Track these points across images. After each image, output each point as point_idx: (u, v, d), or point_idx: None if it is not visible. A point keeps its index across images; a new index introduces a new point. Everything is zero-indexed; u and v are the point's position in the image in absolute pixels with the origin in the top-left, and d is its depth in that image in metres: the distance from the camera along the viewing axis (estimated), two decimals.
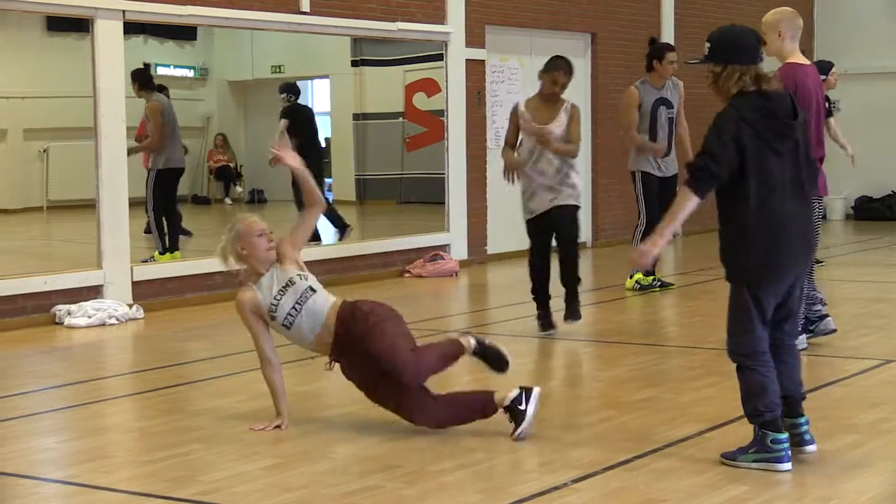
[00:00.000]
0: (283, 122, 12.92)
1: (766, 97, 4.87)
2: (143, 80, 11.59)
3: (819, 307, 7.58)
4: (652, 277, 10.44)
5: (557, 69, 8.38)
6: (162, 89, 12.11)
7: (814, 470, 4.95)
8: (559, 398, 6.47)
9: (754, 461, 4.92)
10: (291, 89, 13.27)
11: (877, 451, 5.28)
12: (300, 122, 12.88)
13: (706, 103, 10.73)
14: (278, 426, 5.75)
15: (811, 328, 7.52)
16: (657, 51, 10.36)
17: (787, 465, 4.88)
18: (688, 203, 4.89)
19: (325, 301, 5.74)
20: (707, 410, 6.01)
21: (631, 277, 10.43)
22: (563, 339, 8.30)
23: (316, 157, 13.24)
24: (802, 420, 5.07)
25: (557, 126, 8.25)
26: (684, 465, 5.06)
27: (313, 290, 5.75)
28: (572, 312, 8.26)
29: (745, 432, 5.07)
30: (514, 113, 8.42)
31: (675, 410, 6.07)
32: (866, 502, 4.59)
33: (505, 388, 5.59)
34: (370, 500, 4.67)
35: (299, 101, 13.34)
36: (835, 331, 7.60)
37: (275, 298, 5.76)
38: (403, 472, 5.02)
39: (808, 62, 7.19)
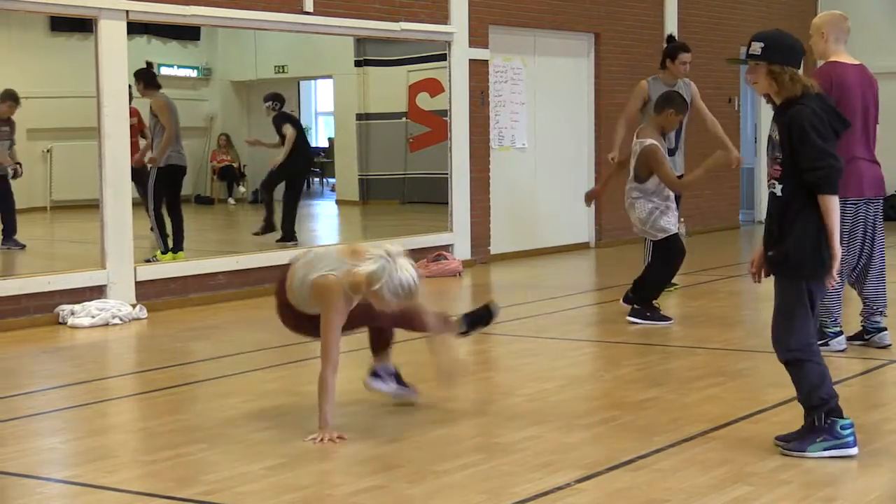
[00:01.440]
0: (292, 132, 12.97)
1: (825, 99, 5.05)
2: (147, 78, 11.60)
3: (878, 318, 7.62)
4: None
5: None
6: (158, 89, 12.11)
7: (817, 470, 4.94)
8: (562, 398, 6.47)
9: (825, 449, 5.02)
10: (277, 97, 13.36)
11: (881, 451, 5.27)
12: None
13: (707, 103, 10.77)
14: (341, 437, 5.46)
15: (867, 337, 7.59)
16: (672, 50, 10.29)
17: (856, 450, 5.04)
18: (835, 207, 4.97)
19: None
20: (711, 410, 6.00)
21: None
22: (565, 339, 8.29)
23: (307, 163, 13.43)
24: (847, 422, 5.11)
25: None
26: (688, 465, 5.05)
27: None
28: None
29: (751, 431, 5.07)
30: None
31: (678, 410, 6.07)
32: (870, 502, 4.58)
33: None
34: (373, 501, 4.67)
35: (284, 108, 13.40)
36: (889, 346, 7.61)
37: None
38: (406, 472, 5.02)
39: (854, 61, 7.29)
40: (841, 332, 7.45)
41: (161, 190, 11.40)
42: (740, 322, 9.14)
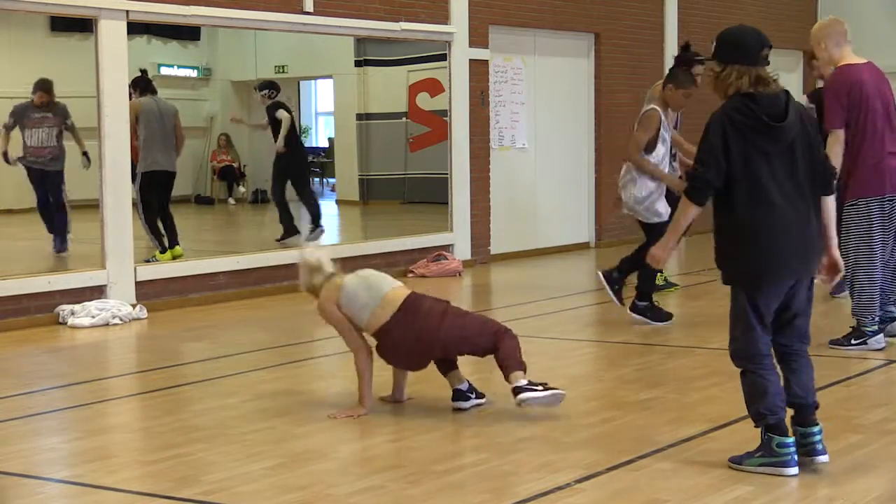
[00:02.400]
0: (287, 116, 12.99)
1: (754, 99, 4.79)
2: (142, 86, 11.65)
3: (892, 308, 7.65)
4: (660, 279, 10.42)
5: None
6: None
7: (818, 470, 4.94)
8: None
9: (760, 465, 4.88)
10: (272, 85, 13.36)
11: (882, 451, 5.27)
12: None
13: (707, 102, 10.78)
14: (364, 414, 5.93)
15: (881, 326, 7.58)
16: (684, 62, 10.15)
17: (794, 470, 4.84)
18: (688, 212, 4.93)
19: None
20: (711, 410, 6.00)
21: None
22: (565, 339, 8.29)
23: (301, 154, 13.43)
24: (815, 430, 4.95)
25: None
26: (688, 465, 5.05)
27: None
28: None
29: (749, 432, 5.07)
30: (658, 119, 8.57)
31: (678, 411, 6.07)
32: (871, 502, 4.58)
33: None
34: (373, 501, 4.67)
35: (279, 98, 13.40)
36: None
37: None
38: (407, 472, 5.02)
39: (861, 60, 7.32)
40: (880, 331, 7.45)
41: (146, 196, 11.40)
42: None
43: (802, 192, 4.85)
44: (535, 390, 5.82)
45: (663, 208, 8.62)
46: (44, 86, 11.84)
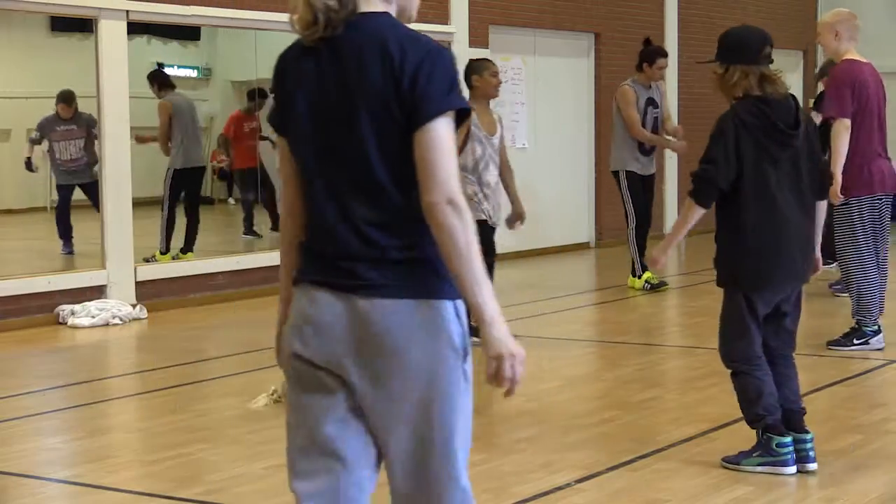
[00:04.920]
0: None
1: (767, 103, 4.80)
2: (160, 80, 11.71)
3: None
4: (655, 278, 10.42)
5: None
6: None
7: (818, 470, 4.94)
8: (562, 398, 6.47)
9: (759, 465, 4.89)
10: None
11: (881, 451, 5.27)
12: None
13: (707, 102, 10.80)
14: None
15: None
16: (649, 54, 10.42)
17: (792, 469, 4.85)
18: (693, 213, 4.88)
19: None
20: (711, 410, 6.00)
21: (639, 277, 10.41)
22: (566, 339, 8.29)
23: None
24: (809, 437, 4.94)
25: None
26: (688, 465, 5.05)
27: None
28: None
29: (749, 432, 5.06)
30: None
31: (678, 410, 6.07)
32: (871, 502, 4.58)
33: None
34: (372, 500, 4.66)
35: None
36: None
37: None
38: None
39: (864, 60, 7.33)
40: (880, 331, 7.45)
41: (176, 193, 11.46)
42: None
43: (803, 197, 4.88)
44: None
45: (484, 209, 7.69)
46: (66, 98, 11.82)
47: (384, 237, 2.67)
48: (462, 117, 2.65)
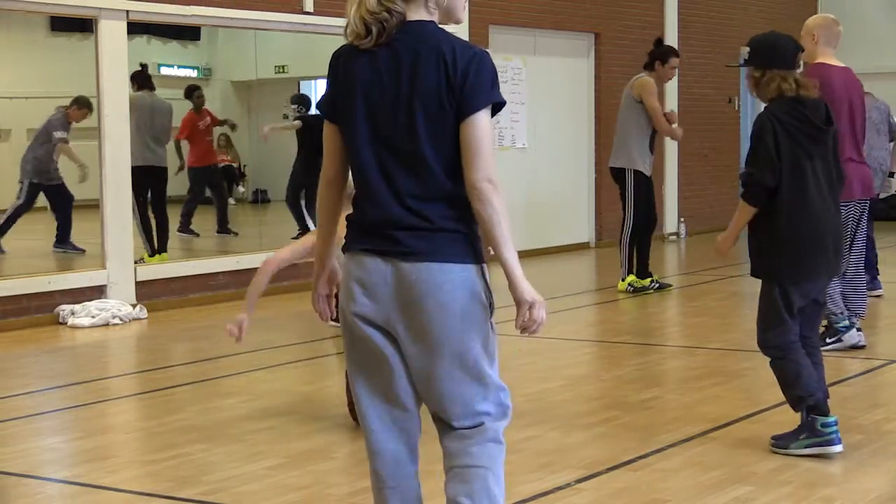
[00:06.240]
0: (296, 123, 13.13)
1: (802, 103, 5.02)
2: (140, 80, 11.66)
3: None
4: (650, 280, 10.39)
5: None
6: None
7: (818, 470, 4.95)
8: (562, 398, 6.47)
9: (806, 447, 5.06)
10: (303, 100, 13.58)
11: (881, 451, 5.28)
12: (314, 133, 13.02)
13: (707, 102, 10.81)
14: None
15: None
16: (663, 53, 10.35)
17: (839, 448, 5.04)
18: (747, 213, 5.07)
19: None
20: (711, 410, 6.00)
21: (623, 280, 10.39)
22: (566, 339, 8.29)
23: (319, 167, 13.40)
24: (831, 420, 5.11)
25: None
26: (688, 465, 5.06)
27: None
28: None
29: (749, 432, 5.07)
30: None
31: (678, 410, 6.07)
32: (871, 502, 4.58)
33: None
34: (373, 501, 4.66)
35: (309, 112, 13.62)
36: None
37: None
38: None
39: (839, 64, 7.33)
40: (852, 326, 7.46)
41: (134, 190, 11.36)
42: (740, 322, 9.13)
43: (833, 191, 5.12)
44: None
45: None
46: (87, 104, 11.76)
47: (429, 211, 3.13)
48: (496, 110, 3.11)
